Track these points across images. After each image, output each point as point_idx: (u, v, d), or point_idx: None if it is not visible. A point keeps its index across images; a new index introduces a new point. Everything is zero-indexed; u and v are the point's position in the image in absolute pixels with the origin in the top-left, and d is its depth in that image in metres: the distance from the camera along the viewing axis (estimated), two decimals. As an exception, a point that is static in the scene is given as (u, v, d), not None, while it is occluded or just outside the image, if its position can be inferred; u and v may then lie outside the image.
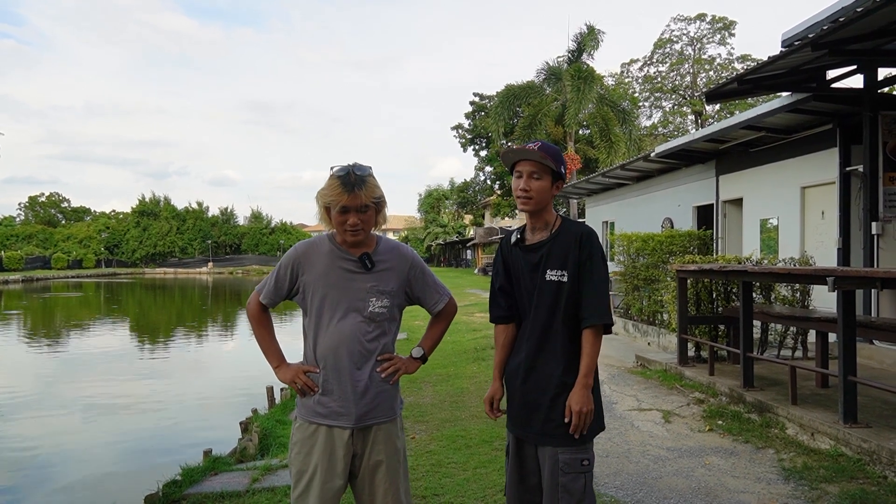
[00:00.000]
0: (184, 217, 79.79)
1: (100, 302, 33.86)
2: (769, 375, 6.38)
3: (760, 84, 7.71)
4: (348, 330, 2.33)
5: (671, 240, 9.67)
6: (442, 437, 5.33)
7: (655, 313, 9.92)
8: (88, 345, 17.38)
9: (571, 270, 2.33)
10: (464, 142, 41.24)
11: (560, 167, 2.38)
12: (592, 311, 2.30)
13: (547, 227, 2.42)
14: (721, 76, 36.28)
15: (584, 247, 2.34)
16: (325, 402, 2.35)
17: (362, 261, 2.37)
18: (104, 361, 14.32)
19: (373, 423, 2.35)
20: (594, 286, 2.32)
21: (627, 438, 5.10)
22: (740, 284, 6.08)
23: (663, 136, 37.38)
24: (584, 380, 2.28)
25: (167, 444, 7.98)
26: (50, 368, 13.68)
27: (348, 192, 2.27)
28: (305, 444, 2.35)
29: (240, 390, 10.89)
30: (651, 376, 7.37)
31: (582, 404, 2.25)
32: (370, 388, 2.35)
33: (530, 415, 2.35)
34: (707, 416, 5.60)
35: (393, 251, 2.47)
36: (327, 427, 2.34)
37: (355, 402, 2.33)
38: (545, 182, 2.35)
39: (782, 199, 9.46)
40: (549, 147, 2.38)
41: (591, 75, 23.20)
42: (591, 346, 2.29)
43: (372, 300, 2.36)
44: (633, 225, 13.88)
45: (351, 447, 2.34)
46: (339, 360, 2.33)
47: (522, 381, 2.39)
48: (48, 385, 11.80)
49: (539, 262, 2.37)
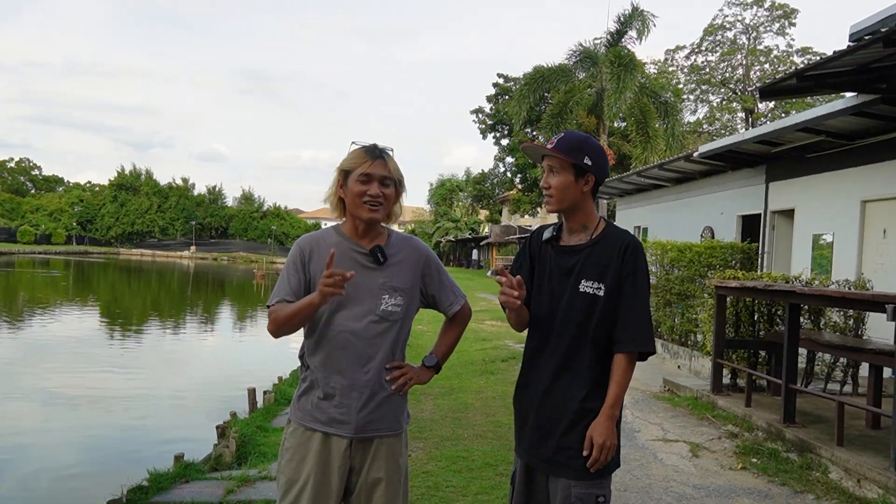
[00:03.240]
0: (166, 194, 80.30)
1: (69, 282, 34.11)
2: (813, 411, 6.34)
3: (822, 82, 7.65)
4: (357, 329, 2.32)
5: (711, 251, 9.62)
6: (441, 457, 5.34)
7: (688, 333, 9.87)
8: (53, 329, 17.52)
9: (610, 284, 2.28)
10: (483, 128, 41.17)
11: (583, 158, 2.31)
12: (633, 335, 2.26)
13: (586, 230, 2.37)
14: (778, 70, 36.05)
15: (629, 260, 2.29)
16: (324, 406, 2.33)
17: (374, 253, 2.35)
18: (70, 349, 14.44)
19: (375, 436, 2.34)
20: (636, 307, 2.27)
21: (649, 472, 5.08)
22: (786, 306, 6.04)
23: (708, 134, 37.20)
24: (611, 410, 2.24)
25: (135, 444, 8.03)
26: (8, 352, 13.80)
27: (372, 159, 2.29)
28: (298, 451, 2.34)
29: (218, 391, 10.96)
30: (680, 404, 7.35)
31: (605, 437, 2.22)
32: (375, 396, 2.33)
33: (543, 440, 2.33)
34: (740, 453, 5.57)
35: (405, 244, 2.46)
36: (324, 434, 2.33)
37: (357, 409, 2.31)
38: (563, 177, 2.32)
39: (839, 213, 9.38)
40: (571, 137, 2.35)
41: (633, 62, 23.08)
42: (622, 374, 2.25)
43: (385, 297, 2.34)
44: (669, 232, 13.82)
45: (348, 459, 2.33)
46: (343, 362, 2.31)
47: (539, 402, 2.35)
48: (4, 371, 11.90)
49: (573, 268, 2.33)
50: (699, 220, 13.81)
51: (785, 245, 11.02)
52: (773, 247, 11.28)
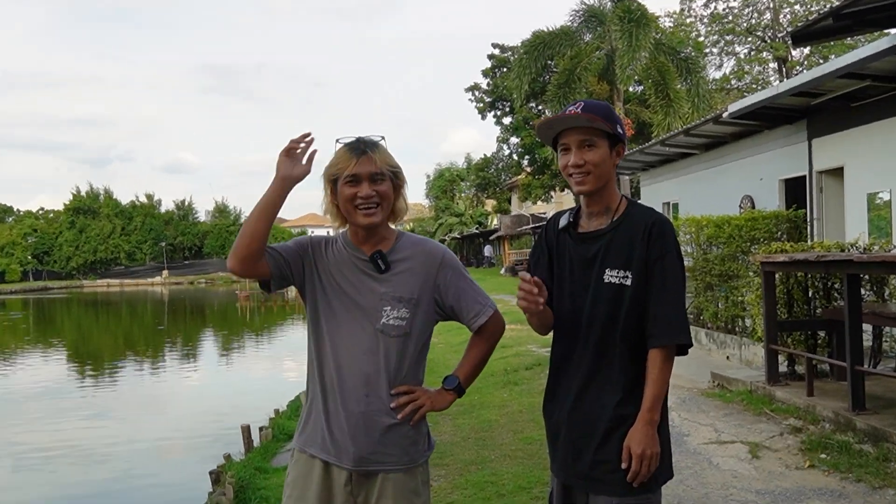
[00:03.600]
0: (130, 214, 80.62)
1: (29, 324, 34.26)
2: (885, 395, 6.33)
3: (863, 19, 7.63)
4: (354, 346, 2.32)
5: (753, 224, 9.60)
6: (467, 484, 5.34)
7: (735, 318, 9.85)
8: (16, 379, 17.61)
9: (637, 270, 2.25)
10: (481, 107, 41.14)
11: (616, 126, 2.30)
12: (665, 326, 2.23)
13: (608, 213, 2.34)
14: (811, 11, 35.93)
15: (655, 241, 2.25)
16: (323, 432, 2.33)
17: (374, 261, 2.35)
18: (37, 400, 14.50)
19: (378, 469, 2.31)
20: (668, 294, 2.25)
21: (704, 480, 5.08)
22: (844, 278, 6.03)
23: (738, 90, 37.10)
24: (649, 415, 2.22)
25: (119, 502, 8.06)
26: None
27: (357, 157, 2.28)
28: (298, 485, 2.35)
29: (209, 431, 11.00)
30: (732, 399, 7.34)
31: (645, 445, 2.19)
32: (377, 424, 2.30)
33: (578, 454, 2.31)
34: (806, 449, 5.56)
35: (416, 247, 2.43)
36: (324, 463, 2.32)
37: (354, 437, 2.28)
38: (601, 150, 2.28)
39: (895, 167, 9.36)
40: (594, 105, 2.32)
41: (645, 16, 23.05)
42: (659, 372, 2.23)
43: (386, 309, 2.32)
44: (703, 206, 13.79)
45: (350, 496, 2.31)
46: (340, 383, 2.31)
47: (569, 412, 2.33)
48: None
49: (595, 256, 2.30)
50: (736, 190, 13.78)
51: (836, 209, 10.99)
52: (822, 212, 11.25)
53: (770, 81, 37.27)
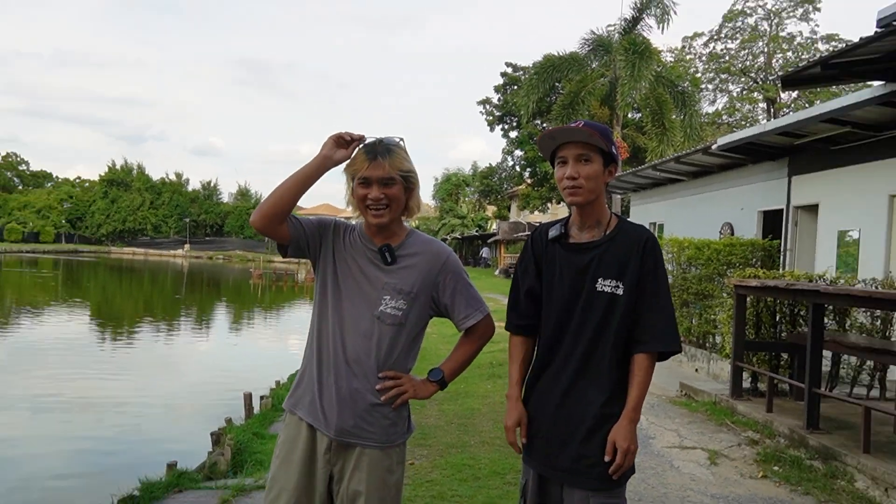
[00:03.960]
0: (159, 189, 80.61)
1: (58, 283, 34.27)
2: (838, 417, 6.32)
3: (849, 70, 7.62)
4: (352, 326, 2.34)
5: (730, 249, 9.60)
6: (446, 465, 5.34)
7: (706, 335, 9.85)
8: (42, 333, 17.61)
9: (629, 282, 2.27)
10: (491, 119, 41.16)
11: (611, 147, 2.32)
12: (658, 334, 2.26)
13: (599, 226, 2.35)
14: (801, 58, 35.88)
15: (649, 256, 2.29)
16: (312, 397, 2.35)
17: (381, 253, 2.37)
18: (58, 352, 14.51)
19: (356, 443, 2.32)
20: (660, 305, 2.28)
21: (665, 481, 5.07)
22: (810, 307, 6.02)
23: (728, 125, 37.08)
24: (633, 413, 2.25)
25: (126, 451, 8.07)
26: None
27: (370, 160, 2.28)
28: (285, 446, 2.37)
29: (213, 396, 11.00)
30: (697, 409, 7.33)
31: (629, 441, 2.22)
32: (361, 401, 2.31)
33: (560, 449, 2.32)
34: (761, 460, 5.56)
35: (424, 246, 2.44)
36: (310, 427, 2.34)
37: (339, 409, 2.30)
38: (596, 165, 2.29)
39: (866, 209, 9.34)
40: (594, 124, 2.34)
41: (648, 49, 23.03)
42: (643, 375, 2.26)
43: (385, 298, 2.34)
44: (686, 229, 13.78)
45: (328, 463, 2.32)
46: (334, 357, 2.33)
47: (555, 409, 2.34)
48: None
49: (588, 266, 2.31)
50: (718, 216, 13.77)
51: (808, 242, 10.98)
52: (795, 244, 11.24)
53: (758, 119, 37.25)
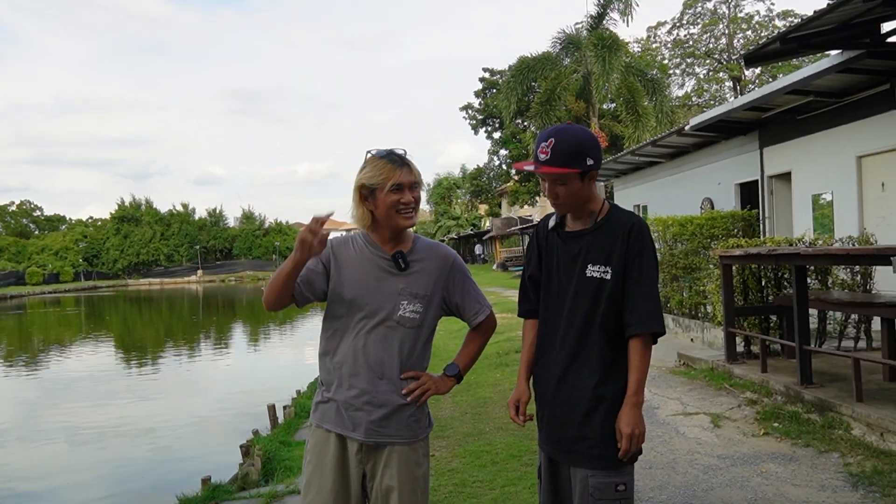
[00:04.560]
0: (168, 221, 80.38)
1: (81, 319, 34.21)
2: (830, 370, 6.32)
3: (806, 42, 7.62)
4: (373, 334, 2.33)
5: (712, 222, 9.60)
6: (465, 454, 5.34)
7: (698, 306, 9.85)
8: (70, 366, 17.58)
9: (616, 267, 2.23)
10: (474, 123, 41.18)
11: (586, 161, 2.20)
12: (641, 317, 2.21)
13: (591, 215, 2.32)
14: (761, 36, 35.89)
15: (634, 241, 2.23)
16: (339, 408, 2.34)
17: (395, 259, 2.36)
18: (88, 384, 14.48)
19: (386, 442, 2.33)
20: (644, 288, 2.23)
21: (673, 447, 5.07)
22: (792, 269, 6.02)
23: (698, 106, 37.07)
24: (635, 398, 2.20)
25: (162, 471, 8.06)
26: (30, 393, 13.86)
27: (399, 168, 2.28)
28: (316, 453, 2.35)
29: (238, 410, 10.98)
30: (696, 376, 7.33)
31: (633, 426, 2.17)
32: (388, 403, 2.32)
33: (561, 431, 2.31)
34: (761, 419, 5.56)
35: (431, 250, 2.45)
36: (338, 436, 2.34)
37: (369, 414, 2.30)
38: (572, 184, 2.23)
39: (836, 171, 9.36)
40: (564, 143, 2.20)
41: (616, 42, 23.05)
42: (640, 359, 2.21)
43: (403, 303, 2.34)
44: (669, 208, 13.79)
45: (360, 463, 2.33)
46: (358, 366, 2.32)
47: (553, 392, 2.33)
48: (29, 411, 11.95)
49: (578, 253, 2.29)
50: (698, 193, 13.78)
51: (785, 208, 10.99)
52: (773, 211, 11.26)
53: (726, 98, 37.25)
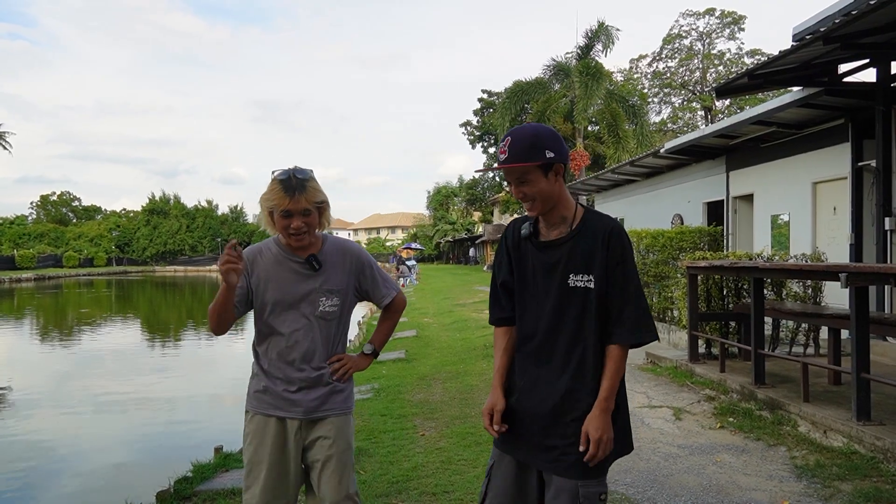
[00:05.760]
0: (193, 215, 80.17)
1: (111, 299, 34.10)
2: (781, 372, 6.34)
3: (771, 79, 7.65)
4: (300, 330, 2.38)
5: (681, 236, 9.63)
6: (452, 434, 5.33)
7: (665, 310, 9.86)
8: (100, 341, 17.50)
9: (598, 274, 1.98)
10: (472, 139, 41.15)
11: (545, 153, 1.96)
12: (632, 326, 1.97)
13: (565, 222, 2.05)
14: (731, 71, 36.00)
15: (615, 247, 1.99)
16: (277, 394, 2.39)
17: (310, 262, 2.40)
18: (116, 358, 14.42)
19: (324, 416, 2.41)
20: (631, 296, 1.99)
21: (638, 436, 5.07)
22: (751, 281, 6.03)
23: (673, 131, 37.15)
24: (605, 403, 1.95)
25: (178, 440, 8.02)
26: (63, 365, 13.79)
27: (290, 197, 2.27)
28: (257, 436, 2.40)
29: (250, 387, 10.93)
30: (661, 373, 7.34)
31: (602, 431, 1.93)
32: (320, 384, 2.41)
33: (547, 439, 2.02)
34: (718, 414, 5.57)
35: (339, 249, 2.49)
36: (278, 418, 2.39)
37: (306, 395, 2.38)
38: (536, 180, 1.98)
39: (794, 195, 9.38)
40: (518, 143, 1.97)
41: (600, 71, 23.10)
42: (616, 366, 1.97)
43: (322, 300, 2.40)
44: (643, 221, 13.80)
45: (301, 439, 2.39)
46: (290, 357, 2.38)
47: (540, 401, 2.04)
48: (61, 381, 11.90)
49: (557, 263, 2.02)
50: (669, 209, 13.81)
51: (747, 226, 11.02)
52: (736, 228, 11.28)
53: (698, 125, 37.34)
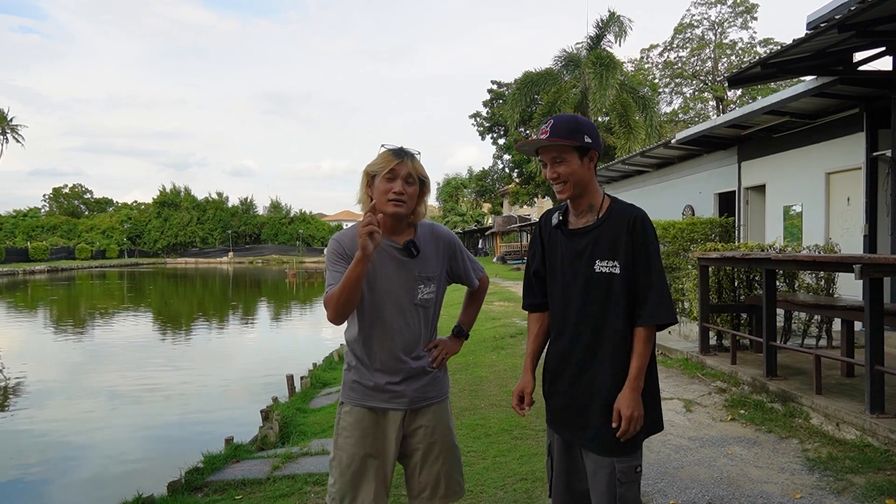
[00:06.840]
0: (204, 207, 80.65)
1: (123, 291, 34.37)
2: (793, 364, 6.29)
3: (784, 68, 7.56)
4: (400, 320, 2.31)
5: (692, 227, 9.56)
6: (461, 426, 5.33)
7: (676, 301, 9.81)
8: (113, 334, 17.66)
9: (623, 260, 2.09)
10: (482, 130, 40.99)
11: (583, 137, 2.11)
12: (655, 309, 2.07)
13: (593, 210, 2.17)
14: (743, 61, 35.63)
15: (638, 233, 2.09)
16: (379, 386, 2.33)
17: (407, 248, 2.31)
18: (128, 350, 14.54)
19: (426, 405, 2.38)
20: (655, 280, 2.09)
21: (648, 428, 5.05)
22: (763, 272, 5.99)
23: (684, 122, 36.87)
24: (635, 382, 2.07)
25: (189, 431, 8.09)
26: (76, 357, 13.93)
27: (399, 159, 2.26)
28: (357, 429, 2.33)
29: (260, 379, 11.01)
30: (672, 365, 7.31)
31: (632, 408, 2.05)
32: (422, 374, 2.38)
33: (583, 419, 2.16)
34: (729, 406, 5.54)
35: (431, 234, 2.42)
36: (381, 410, 2.35)
37: (409, 385, 2.34)
38: (572, 162, 2.11)
39: (806, 186, 9.29)
40: (560, 124, 2.12)
41: (612, 62, 22.91)
42: (644, 346, 2.08)
43: (420, 287, 2.33)
44: (654, 212, 13.70)
45: (402, 429, 2.36)
46: (393, 349, 2.32)
47: (571, 384, 2.19)
48: (75, 373, 12.02)
49: (585, 249, 2.14)
50: (680, 200, 13.72)
51: (759, 217, 10.93)
52: (748, 219, 11.19)
53: (709, 115, 37.05)
